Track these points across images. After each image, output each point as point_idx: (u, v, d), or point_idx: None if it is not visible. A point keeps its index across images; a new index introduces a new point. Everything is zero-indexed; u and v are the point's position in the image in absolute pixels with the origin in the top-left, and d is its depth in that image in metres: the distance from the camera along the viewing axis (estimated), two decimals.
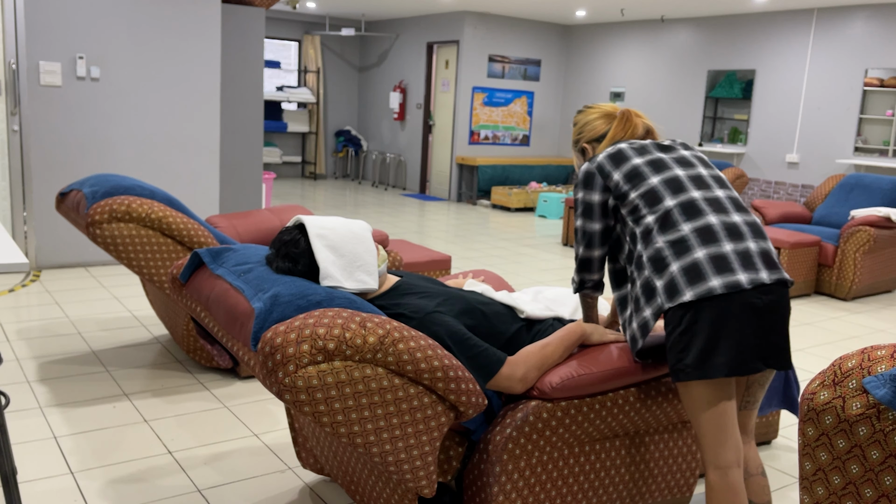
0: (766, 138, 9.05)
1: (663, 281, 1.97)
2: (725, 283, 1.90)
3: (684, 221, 2.01)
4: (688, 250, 1.96)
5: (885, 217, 5.95)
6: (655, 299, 1.98)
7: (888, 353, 1.29)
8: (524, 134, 11.47)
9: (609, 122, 2.31)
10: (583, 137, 2.36)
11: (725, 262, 1.93)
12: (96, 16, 5.44)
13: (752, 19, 9.10)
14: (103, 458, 2.78)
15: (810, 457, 1.36)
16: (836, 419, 1.31)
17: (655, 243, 2.01)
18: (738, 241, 1.98)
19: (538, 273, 6.34)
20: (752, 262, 1.95)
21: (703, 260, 1.94)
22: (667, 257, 1.98)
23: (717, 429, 1.97)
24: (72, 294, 4.89)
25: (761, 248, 2.00)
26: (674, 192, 2.06)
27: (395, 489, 2.05)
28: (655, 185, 2.08)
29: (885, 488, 1.26)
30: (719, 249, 1.95)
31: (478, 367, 2.01)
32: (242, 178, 6.54)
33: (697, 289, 1.91)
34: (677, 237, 1.99)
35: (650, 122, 2.33)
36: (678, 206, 2.03)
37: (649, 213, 2.05)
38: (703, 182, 2.10)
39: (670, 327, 1.96)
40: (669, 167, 2.12)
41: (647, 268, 2.01)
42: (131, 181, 3.59)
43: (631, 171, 2.12)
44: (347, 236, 2.15)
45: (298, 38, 12.44)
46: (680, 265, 1.95)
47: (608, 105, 2.36)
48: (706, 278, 1.91)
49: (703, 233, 1.98)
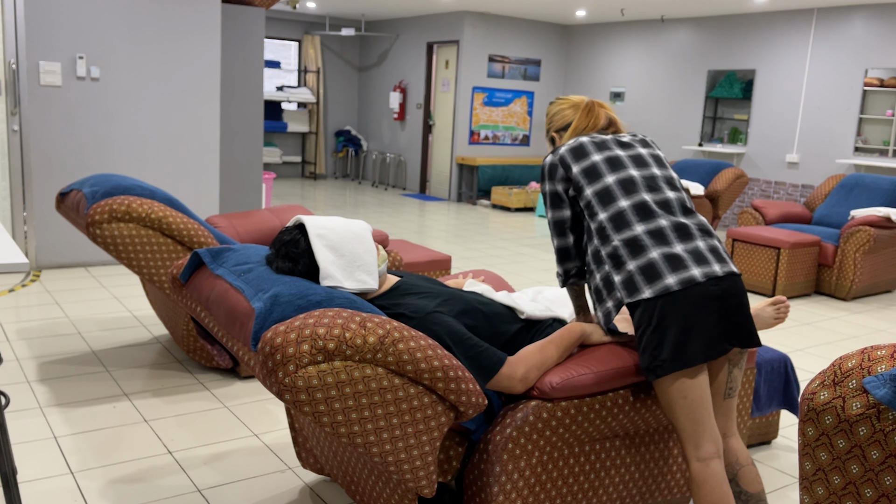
0: (766, 138, 9.05)
1: (621, 277, 2.09)
2: (680, 280, 2.01)
3: (637, 222, 2.12)
4: (642, 250, 2.08)
5: (885, 217, 5.95)
6: (615, 293, 2.10)
7: (888, 353, 1.29)
8: (524, 134, 11.47)
9: (576, 112, 2.40)
10: (552, 126, 2.46)
11: (679, 261, 2.05)
12: (96, 16, 5.44)
13: (752, 19, 9.10)
14: (103, 458, 2.78)
15: (810, 457, 1.36)
16: (836, 419, 1.31)
17: (612, 241, 2.13)
18: (688, 241, 2.10)
19: (538, 273, 6.34)
20: (703, 257, 2.07)
21: (658, 259, 2.05)
22: (623, 255, 2.10)
23: (695, 422, 2.04)
24: (72, 294, 4.89)
25: (710, 245, 2.11)
26: (627, 192, 2.17)
27: (395, 489, 2.05)
28: (610, 184, 2.19)
29: (885, 488, 1.26)
30: (671, 250, 2.07)
31: (478, 367, 2.01)
32: (242, 178, 6.54)
33: (655, 286, 2.02)
34: (631, 237, 2.11)
35: (613, 113, 2.43)
36: (631, 207, 2.15)
37: (603, 212, 2.17)
38: (656, 183, 2.21)
39: (641, 328, 2.05)
40: (625, 166, 2.22)
41: (607, 263, 2.13)
42: (131, 181, 3.59)
43: (589, 167, 2.22)
44: (347, 236, 2.15)
45: (298, 38, 12.44)
46: (637, 264, 2.07)
47: (577, 97, 2.46)
48: (662, 276, 2.03)
49: (655, 234, 2.10)
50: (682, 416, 2.05)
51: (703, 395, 2.05)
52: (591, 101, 2.39)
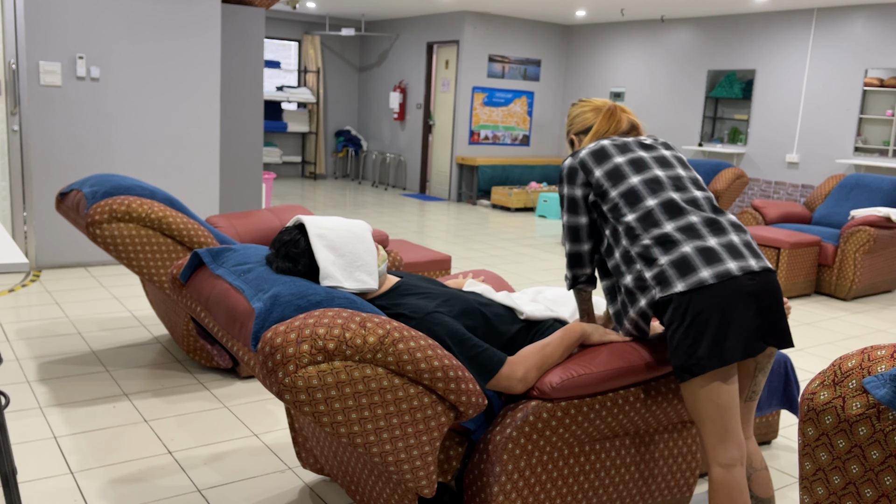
0: (766, 138, 9.05)
1: (653, 273, 2.02)
2: (716, 273, 1.95)
3: (667, 220, 2.07)
4: (675, 245, 2.02)
5: (885, 217, 5.95)
6: (649, 291, 2.03)
7: (888, 353, 1.29)
8: (524, 134, 11.47)
9: (597, 116, 2.36)
10: (572, 129, 2.42)
11: (713, 254, 1.99)
12: (96, 16, 5.44)
13: (752, 19, 9.10)
14: (103, 458, 2.78)
15: (810, 457, 1.36)
16: (836, 419, 1.31)
17: (642, 240, 2.07)
18: (721, 236, 2.04)
19: (538, 273, 6.34)
20: (738, 251, 2.01)
21: (691, 253, 1.99)
22: (654, 253, 2.04)
23: (723, 426, 1.99)
24: (72, 294, 4.89)
25: (744, 240, 2.06)
26: (653, 192, 2.12)
27: (395, 489, 2.05)
28: (636, 184, 2.13)
29: (885, 488, 1.26)
30: (705, 243, 2.01)
31: (478, 367, 2.01)
32: (242, 178, 6.54)
33: (688, 280, 1.96)
34: (661, 234, 2.05)
35: (636, 118, 2.38)
36: (659, 206, 2.09)
37: (630, 213, 2.11)
38: (682, 183, 2.16)
39: (674, 326, 1.98)
40: (650, 167, 2.18)
41: (638, 261, 2.07)
42: (131, 181, 3.59)
43: (612, 169, 2.17)
44: (347, 236, 2.15)
45: (298, 38, 12.44)
46: (669, 259, 2.01)
47: (600, 100, 2.41)
48: (696, 270, 1.96)
49: (687, 229, 2.04)
50: (709, 420, 2.00)
51: (733, 399, 1.99)
52: (613, 104, 2.35)
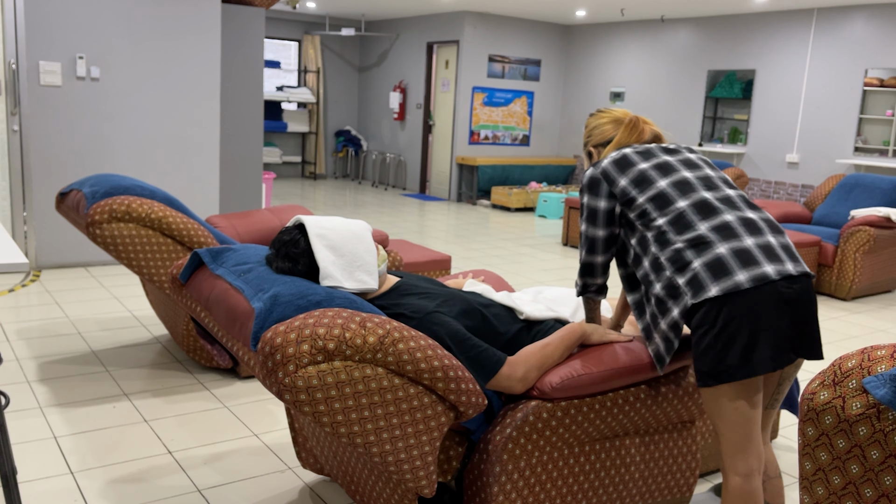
0: (766, 138, 9.05)
1: (685, 278, 1.93)
2: (752, 277, 1.86)
3: (700, 220, 1.98)
4: (709, 246, 1.93)
5: (885, 217, 5.95)
6: (681, 298, 1.93)
7: (888, 353, 1.29)
8: (524, 134, 11.47)
9: (617, 128, 2.29)
10: (591, 141, 2.34)
11: (749, 256, 1.90)
12: (96, 16, 5.44)
13: (752, 19, 9.10)
14: (103, 458, 2.78)
15: (810, 457, 1.36)
16: (836, 419, 1.31)
17: (673, 244, 1.98)
18: (759, 236, 1.95)
19: (538, 273, 6.34)
20: (775, 254, 1.92)
21: (726, 255, 1.90)
22: (687, 256, 1.94)
23: (744, 436, 1.94)
24: (72, 294, 4.89)
25: (781, 243, 1.97)
26: (683, 193, 2.04)
27: (395, 489, 2.05)
28: (664, 187, 2.05)
29: (885, 488, 1.26)
30: (741, 244, 1.92)
31: (478, 367, 2.01)
32: (242, 178, 6.54)
33: (723, 283, 1.87)
34: (695, 235, 1.96)
35: (658, 128, 2.31)
36: (691, 207, 2.01)
37: (660, 216, 2.02)
38: (712, 183, 2.08)
39: (702, 329, 1.90)
40: (676, 169, 2.10)
41: (668, 268, 1.97)
42: (131, 181, 3.59)
43: (638, 175, 2.09)
44: (347, 236, 2.15)
45: (298, 38, 12.44)
46: (702, 262, 1.91)
47: (619, 110, 2.35)
48: (731, 272, 1.87)
49: (722, 229, 1.95)
50: (730, 428, 1.94)
51: (757, 407, 1.93)
52: (635, 116, 2.28)
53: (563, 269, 6.59)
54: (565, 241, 7.75)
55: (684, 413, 2.33)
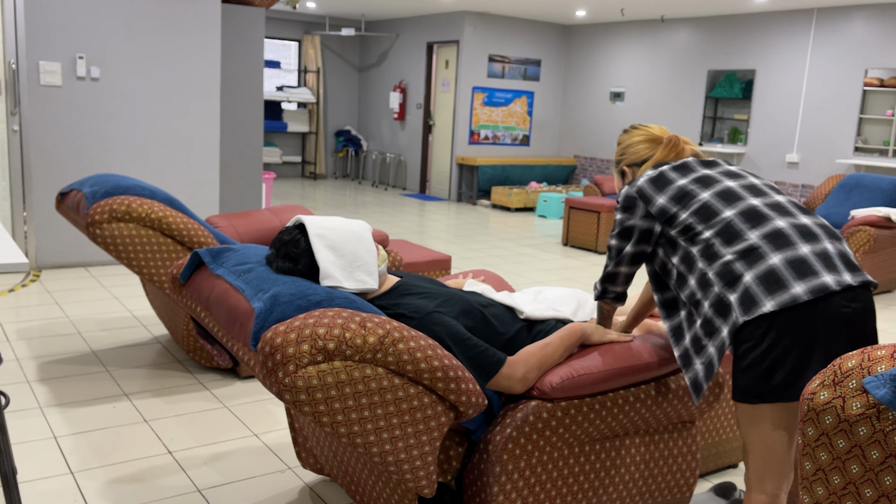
0: (766, 138, 9.05)
1: (737, 294, 1.78)
2: (811, 288, 1.72)
3: (749, 229, 1.84)
4: (761, 258, 1.78)
5: (885, 217, 5.95)
6: (730, 315, 1.78)
7: (888, 353, 1.29)
8: (524, 134, 11.47)
9: (653, 148, 2.19)
10: (624, 160, 2.24)
11: (806, 265, 1.75)
12: (96, 16, 5.44)
13: (752, 19, 9.10)
14: (103, 458, 2.78)
15: (810, 457, 1.36)
16: (836, 419, 1.31)
17: (722, 257, 1.84)
18: (815, 243, 1.81)
19: (538, 273, 6.34)
20: (833, 263, 1.78)
21: (779, 265, 1.76)
22: (738, 269, 1.80)
23: (777, 457, 1.83)
24: (72, 294, 4.89)
25: (839, 250, 1.83)
26: (729, 202, 1.91)
27: (395, 489, 2.05)
28: (707, 199, 1.93)
29: (885, 488, 1.26)
30: (796, 252, 1.78)
31: (477, 367, 2.01)
32: (242, 178, 6.54)
33: (779, 297, 1.72)
34: (746, 246, 1.82)
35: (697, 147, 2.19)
36: (738, 215, 1.88)
37: (706, 229, 1.89)
38: (759, 189, 1.96)
39: (748, 345, 1.76)
40: (718, 180, 1.98)
41: (716, 284, 1.83)
42: (131, 181, 3.59)
43: (677, 192, 1.98)
44: (347, 236, 2.15)
45: (298, 38, 12.44)
46: (754, 274, 1.77)
47: (656, 127, 2.24)
48: (787, 285, 1.73)
49: (774, 237, 1.81)
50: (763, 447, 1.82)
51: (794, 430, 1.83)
52: (674, 136, 2.17)
53: (563, 269, 6.59)
54: (565, 241, 7.75)
55: (684, 413, 2.33)
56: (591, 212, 7.45)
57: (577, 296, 2.59)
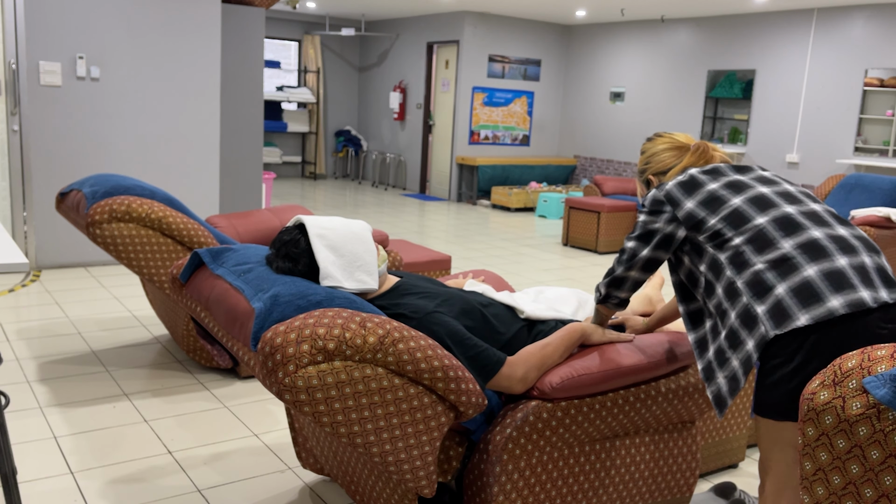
0: (766, 138, 9.05)
1: (766, 306, 1.69)
2: (848, 302, 1.63)
3: (783, 238, 1.76)
4: (795, 268, 1.70)
5: (885, 217, 5.95)
6: (758, 328, 1.69)
7: (888, 353, 1.29)
8: (524, 134, 11.47)
9: (679, 156, 2.14)
10: (649, 169, 2.18)
11: (843, 278, 1.67)
12: (96, 16, 5.44)
13: (752, 19, 9.10)
14: (103, 458, 2.78)
15: (810, 457, 1.36)
16: (836, 419, 1.31)
17: (752, 266, 1.75)
18: (852, 255, 1.72)
19: (538, 273, 6.34)
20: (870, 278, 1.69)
21: (815, 277, 1.67)
22: (769, 279, 1.71)
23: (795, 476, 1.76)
24: (72, 294, 4.89)
25: (877, 264, 1.74)
26: (762, 209, 1.83)
27: (395, 489, 2.05)
28: (739, 205, 1.85)
29: (885, 488, 1.26)
30: (833, 264, 1.69)
31: (477, 367, 2.01)
32: (242, 178, 6.54)
33: (814, 311, 1.64)
34: (779, 255, 1.73)
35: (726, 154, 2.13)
36: (772, 222, 1.79)
37: (736, 235, 1.81)
38: (794, 197, 1.87)
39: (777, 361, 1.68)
40: (751, 186, 1.90)
41: (745, 293, 1.74)
42: (131, 181, 3.59)
43: (707, 196, 1.90)
44: (347, 236, 2.15)
45: (298, 38, 12.44)
46: (787, 286, 1.68)
47: (681, 135, 2.18)
48: (823, 298, 1.64)
49: (810, 248, 1.72)
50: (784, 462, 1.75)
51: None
52: (703, 142, 2.10)
53: (563, 269, 6.59)
54: (565, 241, 7.75)
55: (684, 413, 2.33)
56: (591, 212, 7.45)
57: (577, 296, 2.59)
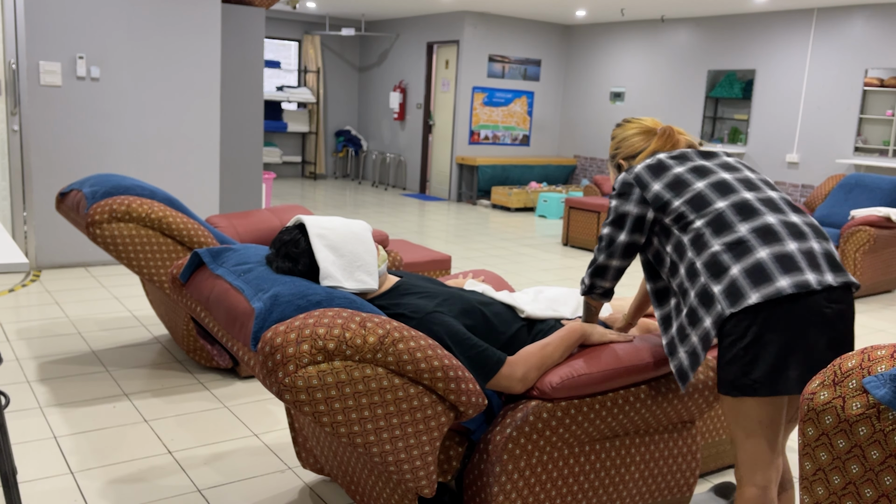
0: (766, 138, 9.05)
1: (722, 286, 1.83)
2: (795, 283, 1.77)
3: (740, 222, 1.89)
4: (749, 251, 1.84)
5: (885, 217, 5.95)
6: (715, 306, 1.83)
7: (888, 353, 1.29)
8: (524, 134, 11.47)
9: (647, 139, 2.23)
10: (619, 153, 2.27)
11: (792, 261, 1.81)
12: (96, 16, 5.44)
13: (752, 19, 9.10)
14: (103, 458, 2.78)
15: (810, 457, 1.36)
16: (836, 419, 1.31)
17: (710, 247, 1.89)
18: (802, 241, 1.86)
19: (538, 273, 6.34)
20: (817, 262, 1.83)
21: (766, 259, 1.81)
22: (725, 260, 1.85)
23: (764, 449, 1.87)
24: (72, 294, 4.89)
25: (825, 250, 1.88)
26: (723, 193, 1.95)
27: (395, 489, 2.05)
28: (702, 189, 1.97)
29: (885, 488, 1.26)
30: (783, 248, 1.83)
31: (477, 367, 2.01)
32: (242, 178, 6.54)
33: (764, 290, 1.77)
34: (735, 238, 1.87)
35: (692, 137, 2.23)
36: (731, 207, 1.92)
37: (698, 218, 1.94)
38: (753, 184, 2.00)
39: (731, 338, 1.82)
40: (714, 171, 2.02)
41: (703, 274, 1.87)
42: (131, 181, 3.59)
43: (673, 179, 2.02)
44: (347, 236, 2.15)
45: (298, 38, 12.44)
46: (741, 267, 1.82)
47: (648, 119, 2.27)
48: (773, 278, 1.78)
49: (763, 232, 1.86)
50: (751, 440, 1.87)
51: (779, 421, 1.86)
52: (668, 126, 2.20)
53: (563, 269, 6.59)
54: (565, 241, 7.75)
55: (684, 413, 2.33)
56: (591, 212, 7.45)
57: (577, 295, 2.59)
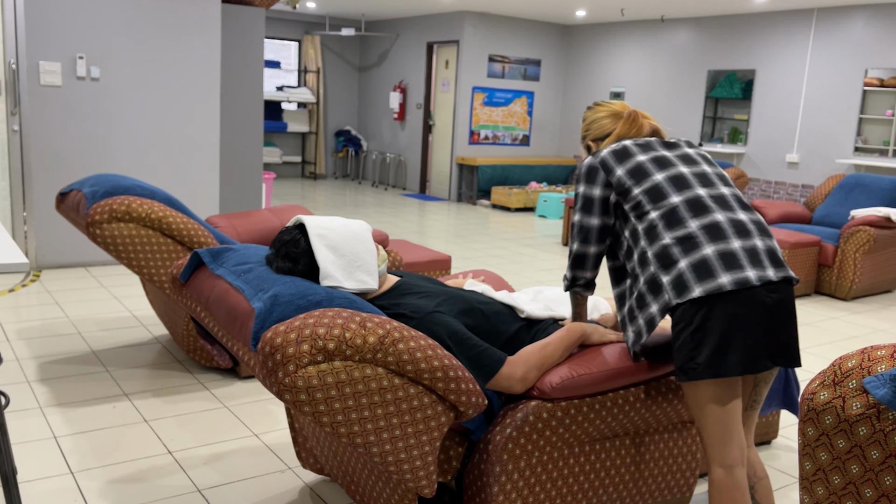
0: (766, 138, 9.05)
1: (670, 277, 1.96)
2: (735, 280, 1.90)
3: (691, 218, 2.01)
4: (696, 247, 1.96)
5: (885, 217, 5.95)
6: (662, 295, 1.97)
7: (888, 353, 1.29)
8: (524, 134, 11.47)
9: (616, 122, 2.31)
10: (589, 135, 2.36)
11: (734, 259, 1.94)
12: (96, 16, 5.44)
13: (752, 19, 9.10)
14: (103, 458, 2.78)
15: (810, 457, 1.36)
16: (836, 419, 1.31)
17: (662, 240, 2.01)
18: (746, 239, 1.99)
19: (538, 273, 6.34)
20: (759, 259, 1.96)
21: (711, 256, 1.94)
22: (674, 254, 1.98)
23: (724, 428, 1.97)
24: (72, 294, 4.89)
25: (767, 247, 2.01)
26: (679, 188, 2.06)
27: (395, 489, 2.05)
28: (660, 181, 2.08)
29: (885, 488, 1.26)
30: (728, 246, 1.96)
31: (477, 366, 2.01)
32: (242, 178, 6.54)
33: (706, 285, 1.91)
34: (685, 234, 1.99)
35: (657, 122, 2.33)
36: (684, 203, 2.03)
37: (653, 210, 2.05)
38: (708, 180, 2.11)
39: (680, 326, 1.95)
40: (674, 164, 2.13)
41: (653, 264, 2.00)
42: (131, 181, 3.59)
43: (635, 167, 2.12)
44: (347, 236, 2.15)
45: (298, 38, 12.44)
46: (688, 262, 1.95)
47: (618, 103, 2.35)
48: (715, 275, 1.91)
49: (711, 230, 1.98)
50: (710, 421, 1.98)
51: (735, 402, 1.98)
52: (633, 110, 2.30)
53: (563, 269, 6.59)
54: (565, 241, 7.75)
55: (684, 413, 2.33)
56: None
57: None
